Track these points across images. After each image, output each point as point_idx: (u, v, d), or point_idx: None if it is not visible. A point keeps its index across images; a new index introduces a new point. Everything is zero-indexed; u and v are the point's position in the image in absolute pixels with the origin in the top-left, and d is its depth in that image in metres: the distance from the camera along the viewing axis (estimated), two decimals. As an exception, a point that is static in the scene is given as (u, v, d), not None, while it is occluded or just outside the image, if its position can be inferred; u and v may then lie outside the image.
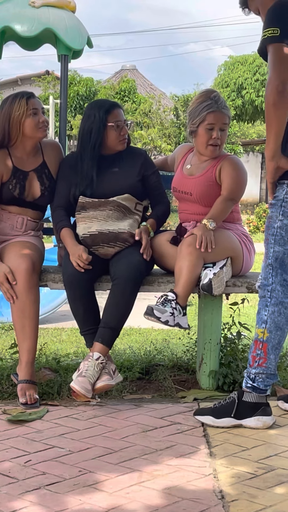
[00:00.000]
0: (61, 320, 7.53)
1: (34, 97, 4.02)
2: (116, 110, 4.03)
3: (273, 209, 3.39)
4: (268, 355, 3.41)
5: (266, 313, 3.41)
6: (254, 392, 3.43)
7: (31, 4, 10.29)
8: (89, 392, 3.66)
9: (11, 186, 4.01)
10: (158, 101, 25.50)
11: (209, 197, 4.01)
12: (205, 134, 4.02)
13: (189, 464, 3.00)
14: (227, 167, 4.02)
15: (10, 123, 3.95)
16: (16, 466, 2.96)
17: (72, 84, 25.71)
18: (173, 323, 3.66)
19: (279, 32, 3.22)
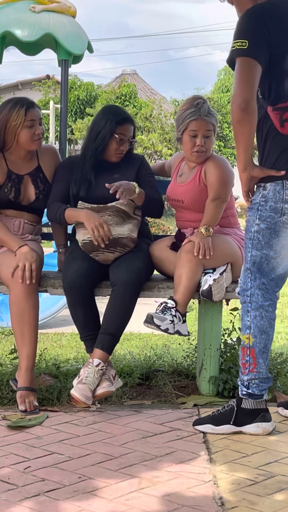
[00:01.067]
0: (61, 325, 7.53)
1: (34, 107, 4.00)
2: (127, 125, 4.04)
3: (250, 213, 3.39)
4: (257, 359, 3.41)
5: (248, 318, 3.41)
6: (250, 399, 3.43)
7: (32, 9, 10.30)
8: (89, 399, 3.65)
9: (6, 189, 4.02)
10: (158, 105, 25.51)
11: (200, 203, 4.02)
12: (189, 142, 4.03)
13: (189, 471, 2.99)
14: (210, 167, 4.03)
15: (6, 130, 3.95)
16: (16, 473, 2.95)
17: (73, 89, 25.73)
18: (173, 330, 3.66)
19: (247, 44, 3.17)
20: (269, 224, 3.32)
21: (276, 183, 3.30)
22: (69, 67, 10.72)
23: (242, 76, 3.20)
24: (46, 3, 10.51)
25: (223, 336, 4.20)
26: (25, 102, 4.00)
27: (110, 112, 4.08)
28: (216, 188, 3.97)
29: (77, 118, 25.17)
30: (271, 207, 3.31)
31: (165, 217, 18.70)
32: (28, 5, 10.43)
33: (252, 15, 3.26)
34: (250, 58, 3.18)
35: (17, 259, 3.81)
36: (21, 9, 10.38)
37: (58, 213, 4.00)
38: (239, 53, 3.20)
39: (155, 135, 22.94)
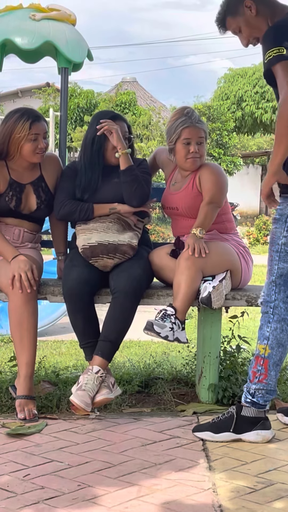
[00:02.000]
0: (61, 332, 7.52)
1: (39, 120, 3.99)
2: (118, 121, 4.07)
3: (276, 224, 3.37)
4: (269, 371, 3.40)
5: (268, 329, 3.39)
6: (253, 407, 3.42)
7: (32, 17, 10.32)
8: (89, 406, 3.65)
9: (8, 198, 4.02)
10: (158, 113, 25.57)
11: (195, 209, 4.04)
12: (183, 149, 4.06)
13: (188, 478, 2.99)
14: (205, 173, 4.05)
15: (10, 141, 3.95)
16: (15, 480, 2.95)
17: (73, 96, 25.79)
18: (172, 338, 3.66)
19: (285, 51, 3.16)
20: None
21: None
22: (69, 75, 10.74)
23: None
24: (46, 11, 10.53)
25: (222, 344, 4.20)
26: (31, 115, 3.98)
27: (98, 116, 4.11)
28: (212, 192, 3.98)
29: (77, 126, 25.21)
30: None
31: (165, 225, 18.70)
32: (28, 13, 10.45)
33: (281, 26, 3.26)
34: None
35: (11, 269, 3.81)
36: (21, 17, 10.40)
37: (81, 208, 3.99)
38: (278, 59, 3.17)
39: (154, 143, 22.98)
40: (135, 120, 24.20)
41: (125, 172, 3.98)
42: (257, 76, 29.51)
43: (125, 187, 3.99)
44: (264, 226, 19.65)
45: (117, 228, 3.95)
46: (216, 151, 25.52)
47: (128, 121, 4.23)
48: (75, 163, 4.18)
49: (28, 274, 3.78)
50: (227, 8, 3.47)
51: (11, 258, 3.85)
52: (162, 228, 18.72)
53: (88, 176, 4.05)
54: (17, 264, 3.81)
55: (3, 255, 3.90)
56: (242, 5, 3.40)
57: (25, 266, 3.80)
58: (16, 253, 3.87)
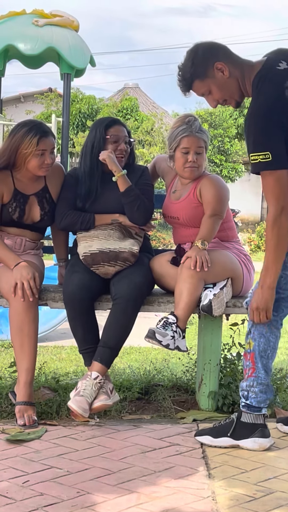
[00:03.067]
0: (61, 338, 7.52)
1: (47, 136, 3.95)
2: (116, 126, 4.08)
3: None
4: (256, 363, 3.42)
5: (249, 325, 3.45)
6: (250, 411, 3.42)
7: (35, 23, 10.37)
8: (86, 411, 3.65)
9: (11, 209, 4.01)
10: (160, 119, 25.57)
11: (196, 219, 4.04)
12: (181, 158, 4.06)
13: (188, 486, 2.98)
14: (206, 185, 4.04)
15: (17, 154, 3.93)
16: (14, 487, 2.95)
17: (75, 102, 25.80)
18: (173, 346, 3.66)
19: (271, 156, 3.14)
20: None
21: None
22: (71, 80, 10.77)
23: (276, 190, 3.19)
24: (49, 17, 10.58)
25: (222, 351, 4.19)
26: (39, 130, 3.94)
27: (97, 123, 4.13)
28: (214, 205, 3.98)
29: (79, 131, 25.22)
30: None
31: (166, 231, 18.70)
32: (31, 19, 10.51)
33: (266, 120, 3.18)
34: (278, 171, 3.17)
35: (14, 277, 3.81)
36: (24, 23, 10.45)
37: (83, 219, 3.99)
38: (266, 167, 3.16)
39: (156, 149, 22.97)
40: (137, 126, 24.20)
41: (125, 194, 3.98)
42: (259, 83, 29.51)
43: (126, 208, 3.99)
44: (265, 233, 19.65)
45: (118, 235, 3.95)
46: (218, 157, 25.53)
47: (130, 127, 4.24)
48: (76, 170, 4.18)
49: (30, 283, 3.78)
50: (194, 72, 3.34)
51: (13, 265, 3.84)
52: (163, 234, 18.72)
53: (87, 184, 4.05)
54: (19, 272, 3.80)
55: (5, 263, 3.89)
56: (213, 68, 3.30)
57: (28, 274, 3.79)
58: (18, 260, 3.87)
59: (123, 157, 4.08)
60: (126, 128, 4.14)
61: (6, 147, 3.97)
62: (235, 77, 3.33)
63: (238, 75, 3.33)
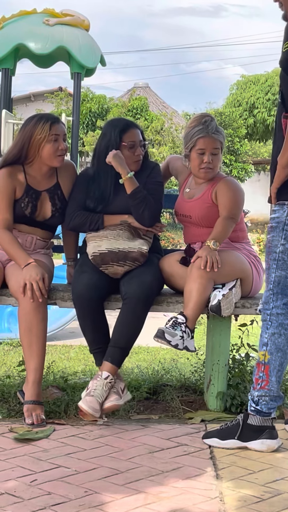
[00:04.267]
0: (70, 337, 7.53)
1: (58, 122, 4.00)
2: (131, 130, 4.05)
3: (273, 233, 3.35)
4: (270, 377, 3.39)
5: (266, 335, 3.39)
6: (258, 415, 3.41)
7: (45, 22, 10.37)
8: (97, 412, 3.65)
9: (23, 204, 4.02)
10: (169, 119, 25.54)
11: (208, 219, 4.04)
12: (196, 159, 4.06)
13: (195, 487, 2.98)
14: (222, 188, 4.04)
15: (30, 144, 3.95)
16: (22, 486, 2.95)
17: (85, 101, 25.81)
18: (182, 346, 3.67)
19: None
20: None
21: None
22: (81, 80, 10.77)
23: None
24: (60, 16, 10.58)
25: (231, 352, 4.19)
26: (50, 117, 4.01)
27: (112, 125, 4.09)
28: (229, 208, 3.98)
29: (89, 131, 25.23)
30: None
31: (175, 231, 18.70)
32: (42, 18, 10.51)
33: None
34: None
35: (23, 277, 3.81)
36: (35, 22, 10.45)
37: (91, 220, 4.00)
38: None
39: (166, 148, 22.96)
40: (147, 126, 24.19)
41: (131, 196, 3.97)
42: (269, 83, 29.51)
43: (133, 210, 3.98)
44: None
45: (127, 235, 3.94)
46: (228, 157, 25.50)
47: (141, 126, 4.22)
48: (87, 171, 4.17)
49: (39, 284, 3.78)
50: None
51: (24, 265, 3.85)
52: (172, 234, 18.71)
53: (101, 187, 4.04)
54: (28, 273, 3.80)
55: (16, 261, 3.90)
56: None
57: (37, 275, 3.79)
58: (28, 260, 3.86)
59: (140, 161, 4.07)
60: (140, 130, 4.13)
61: (19, 139, 4.00)
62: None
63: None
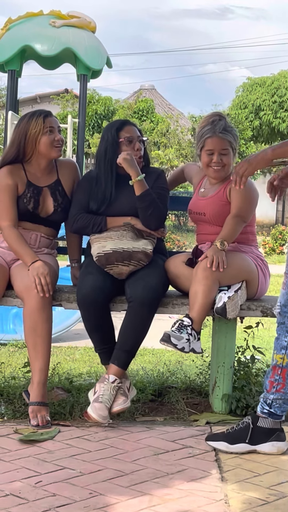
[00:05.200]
0: (75, 338, 7.52)
1: (51, 115, 4.05)
2: (127, 126, 4.09)
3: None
4: (287, 380, 3.38)
5: (286, 339, 3.37)
6: (270, 418, 3.40)
7: (52, 23, 10.39)
8: (105, 418, 3.66)
9: (26, 199, 4.04)
10: (175, 121, 25.57)
11: (221, 217, 4.04)
12: (206, 158, 4.08)
13: (200, 489, 2.97)
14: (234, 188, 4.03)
15: (26, 140, 3.99)
16: (27, 487, 2.95)
17: (91, 103, 25.86)
18: (188, 349, 3.66)
19: None
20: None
21: None
22: (87, 82, 10.78)
23: None
24: (67, 18, 10.60)
25: (236, 354, 4.18)
26: (42, 111, 4.07)
27: (108, 127, 4.15)
28: (240, 206, 3.97)
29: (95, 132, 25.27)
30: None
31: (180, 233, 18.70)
32: (48, 19, 10.54)
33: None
34: None
35: (30, 274, 3.81)
36: (42, 23, 10.48)
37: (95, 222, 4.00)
38: None
39: (172, 151, 22.97)
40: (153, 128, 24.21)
41: (140, 198, 3.97)
42: (275, 86, 29.51)
43: (140, 212, 3.98)
44: (280, 235, 19.59)
45: (131, 236, 3.94)
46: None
47: (146, 128, 4.25)
48: (91, 173, 4.19)
49: (47, 279, 3.78)
50: None
51: (30, 262, 3.85)
52: (177, 236, 18.71)
53: (102, 188, 4.05)
54: (36, 269, 3.80)
55: (23, 258, 3.90)
56: None
57: (45, 270, 3.80)
58: (35, 258, 3.87)
59: (141, 157, 4.08)
60: (137, 128, 4.16)
61: (14, 137, 4.05)
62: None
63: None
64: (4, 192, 4.00)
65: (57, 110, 26.47)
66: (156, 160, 22.07)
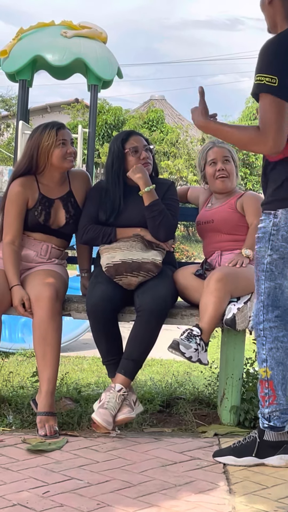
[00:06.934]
0: (83, 348, 7.53)
1: (64, 128, 4.07)
2: (133, 137, 4.13)
3: (260, 244, 3.31)
4: (276, 391, 3.36)
5: (264, 351, 3.35)
6: (273, 431, 3.38)
7: (63, 34, 10.44)
8: (110, 424, 3.65)
9: (37, 212, 4.05)
10: (185, 131, 25.58)
11: (229, 224, 4.12)
12: (211, 169, 4.23)
13: (208, 501, 2.96)
14: (250, 198, 4.16)
15: (38, 152, 4.01)
16: (34, 497, 2.94)
17: (101, 113, 25.92)
18: (195, 359, 3.67)
19: (277, 82, 3.04)
20: (282, 254, 3.26)
21: (287, 211, 3.23)
22: (98, 92, 10.81)
23: (273, 116, 3.06)
24: (78, 29, 10.65)
25: (245, 366, 4.18)
26: (55, 123, 4.08)
27: (114, 139, 4.19)
28: (257, 213, 3.99)
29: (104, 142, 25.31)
30: (283, 236, 3.24)
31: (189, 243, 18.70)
32: (59, 30, 10.59)
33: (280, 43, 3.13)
34: (280, 100, 3.06)
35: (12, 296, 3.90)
36: (53, 34, 10.53)
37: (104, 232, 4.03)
38: (268, 90, 3.06)
39: (181, 161, 22.98)
40: (162, 138, 24.23)
41: (148, 208, 3.99)
42: (285, 97, 29.53)
43: (149, 223, 4.00)
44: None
45: (140, 247, 3.95)
46: (243, 171, 25.49)
47: (155, 138, 4.30)
48: (100, 183, 4.21)
49: (19, 309, 3.86)
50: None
51: (10, 287, 3.91)
52: (186, 246, 18.70)
53: (111, 198, 4.07)
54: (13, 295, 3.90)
55: (7, 278, 3.95)
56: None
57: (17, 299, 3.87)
58: (15, 283, 3.91)
59: (149, 164, 4.11)
60: (143, 137, 4.18)
61: (27, 149, 4.07)
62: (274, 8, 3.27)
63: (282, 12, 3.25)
64: (13, 204, 4.02)
65: (67, 119, 26.55)
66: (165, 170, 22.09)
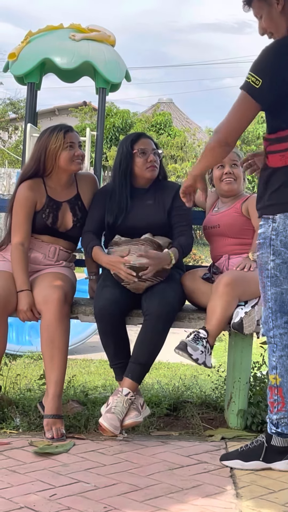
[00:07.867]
0: (90, 351, 7.53)
1: (72, 130, 4.07)
2: (142, 139, 4.15)
3: (262, 250, 3.31)
4: (285, 398, 3.35)
5: (274, 358, 3.35)
6: (280, 437, 3.37)
7: (72, 37, 10.45)
8: (117, 429, 3.65)
9: (44, 215, 4.06)
10: (193, 134, 25.58)
11: (235, 228, 4.12)
12: (218, 172, 4.22)
13: (215, 505, 2.96)
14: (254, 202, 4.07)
15: (46, 154, 4.01)
16: (41, 500, 2.94)
17: (109, 116, 25.93)
18: (201, 361, 3.68)
19: (260, 84, 3.14)
20: (284, 259, 3.26)
21: (285, 215, 3.23)
22: (106, 95, 10.82)
23: (238, 114, 3.23)
24: (86, 32, 10.66)
25: (252, 370, 4.17)
26: (63, 126, 4.09)
27: (123, 140, 4.21)
28: None
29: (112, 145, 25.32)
30: (282, 241, 3.24)
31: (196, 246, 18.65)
32: (68, 33, 10.60)
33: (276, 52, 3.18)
34: (254, 103, 3.19)
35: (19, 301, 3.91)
36: (61, 37, 10.54)
37: (87, 248, 4.06)
38: (249, 90, 3.18)
39: (188, 164, 22.98)
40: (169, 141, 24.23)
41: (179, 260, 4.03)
42: (293, 100, 29.48)
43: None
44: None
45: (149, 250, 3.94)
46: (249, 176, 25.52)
47: (163, 141, 4.31)
48: (106, 187, 4.22)
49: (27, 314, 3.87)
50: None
51: (18, 290, 3.91)
52: (194, 250, 18.66)
53: (117, 200, 4.07)
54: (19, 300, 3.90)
55: (15, 281, 3.95)
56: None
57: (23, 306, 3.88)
58: (22, 288, 3.92)
59: (156, 168, 4.11)
60: (152, 141, 4.18)
61: (34, 152, 4.08)
62: (286, 15, 3.26)
63: None
64: (21, 207, 4.02)
65: (75, 122, 26.57)
66: (173, 174, 22.09)
